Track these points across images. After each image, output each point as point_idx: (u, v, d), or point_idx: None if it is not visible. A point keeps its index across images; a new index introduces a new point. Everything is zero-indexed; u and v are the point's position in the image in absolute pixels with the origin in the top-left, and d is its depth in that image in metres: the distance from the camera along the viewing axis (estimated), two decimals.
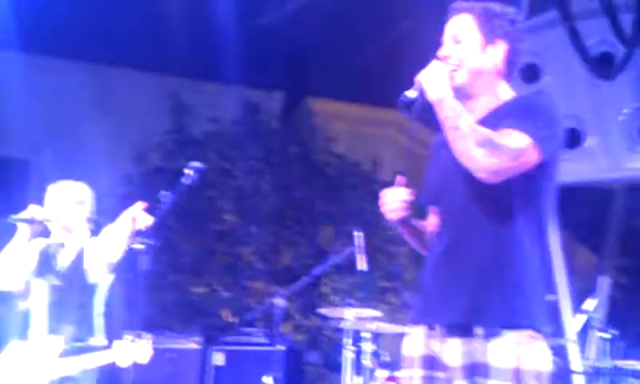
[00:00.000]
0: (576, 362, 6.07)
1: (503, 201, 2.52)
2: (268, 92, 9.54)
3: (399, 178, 2.75)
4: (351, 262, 5.53)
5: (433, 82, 2.54)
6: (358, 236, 5.42)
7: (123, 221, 4.11)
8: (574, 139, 6.51)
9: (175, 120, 8.51)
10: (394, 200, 2.72)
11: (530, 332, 2.48)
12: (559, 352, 5.72)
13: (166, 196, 3.94)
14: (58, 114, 8.42)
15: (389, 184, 2.82)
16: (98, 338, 4.22)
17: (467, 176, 2.50)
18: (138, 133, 8.45)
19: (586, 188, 6.72)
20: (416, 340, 2.63)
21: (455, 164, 2.54)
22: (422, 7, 6.42)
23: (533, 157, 2.47)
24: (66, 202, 4.32)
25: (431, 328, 2.60)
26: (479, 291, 2.49)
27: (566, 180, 6.35)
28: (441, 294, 2.58)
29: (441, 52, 2.64)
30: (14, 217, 4.15)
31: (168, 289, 7.67)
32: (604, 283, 7.06)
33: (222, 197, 8.15)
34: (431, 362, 2.58)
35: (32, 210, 4.20)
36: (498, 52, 2.62)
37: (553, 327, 5.32)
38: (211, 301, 7.68)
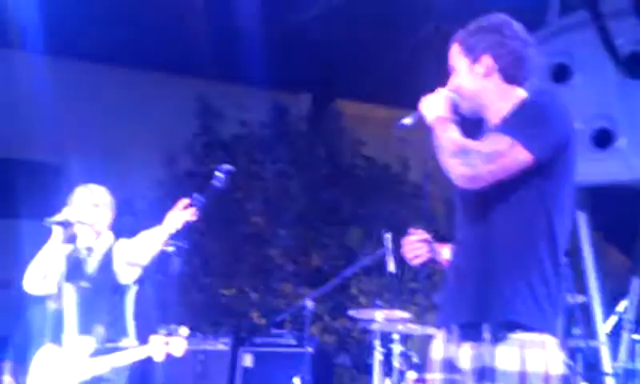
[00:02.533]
0: (607, 363, 6.02)
1: (507, 205, 2.53)
2: (296, 94, 9.56)
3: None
4: (380, 264, 5.53)
5: (430, 107, 2.65)
6: (387, 238, 5.42)
7: (165, 223, 4.15)
8: (605, 139, 6.46)
9: (204, 123, 8.56)
10: (413, 246, 2.81)
11: (537, 335, 2.48)
12: (590, 353, 5.68)
13: (197, 199, 3.98)
14: (88, 119, 8.49)
15: (418, 186, 2.88)
16: (130, 339, 4.27)
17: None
18: (167, 136, 8.50)
19: (618, 188, 6.66)
20: (439, 343, 2.68)
21: None
22: (448, 9, 6.40)
23: (519, 156, 2.47)
24: (96, 205, 4.41)
25: (449, 332, 2.64)
26: (487, 291, 2.51)
27: (597, 180, 6.37)
28: (455, 298, 2.63)
29: (445, 89, 2.74)
30: (48, 220, 4.19)
31: (198, 290, 7.72)
32: (636, 284, 7.00)
33: (251, 199, 8.18)
34: (450, 366, 2.61)
35: (66, 213, 4.27)
36: (484, 66, 2.65)
37: (582, 329, 5.30)
38: (241, 302, 7.71)
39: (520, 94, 2.66)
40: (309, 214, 8.32)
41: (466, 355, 2.55)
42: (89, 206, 4.37)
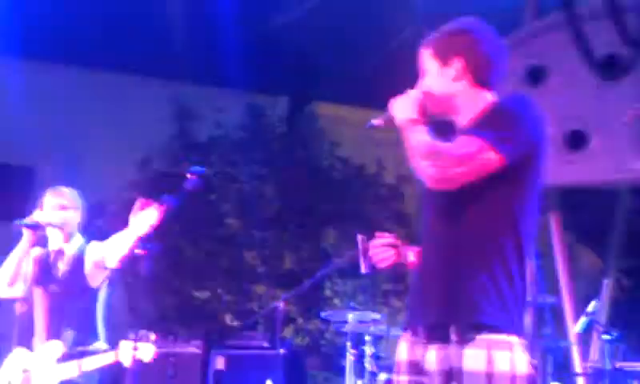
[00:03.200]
0: (577, 363, 6.04)
1: (474, 207, 2.53)
2: (273, 96, 9.54)
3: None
4: (354, 266, 5.50)
5: (399, 108, 2.66)
6: (361, 239, 5.40)
7: (131, 226, 4.11)
8: (578, 141, 6.48)
9: (179, 125, 8.52)
10: (379, 250, 2.83)
11: (504, 336, 2.47)
12: (560, 353, 5.69)
13: (167, 200, 3.93)
14: (62, 121, 8.44)
15: (393, 187, 2.89)
16: (100, 343, 4.23)
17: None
18: (142, 138, 8.47)
19: (590, 190, 6.69)
20: (404, 345, 2.66)
21: None
22: (425, 13, 6.41)
23: (490, 159, 2.47)
24: (65, 207, 4.36)
25: (415, 333, 2.62)
26: (453, 292, 2.51)
27: (569, 181, 6.39)
28: (421, 299, 2.62)
29: (415, 90, 2.74)
30: (19, 222, 4.19)
31: (170, 293, 7.68)
32: (607, 285, 7.04)
33: (226, 201, 8.16)
34: (416, 368, 2.59)
35: (37, 216, 4.25)
36: (455, 68, 2.65)
37: (552, 329, 5.31)
38: (214, 305, 7.68)
39: (490, 97, 2.66)
40: (284, 216, 8.30)
41: (432, 357, 2.53)
42: (57, 209, 4.33)
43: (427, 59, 2.71)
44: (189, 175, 3.96)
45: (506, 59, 2.71)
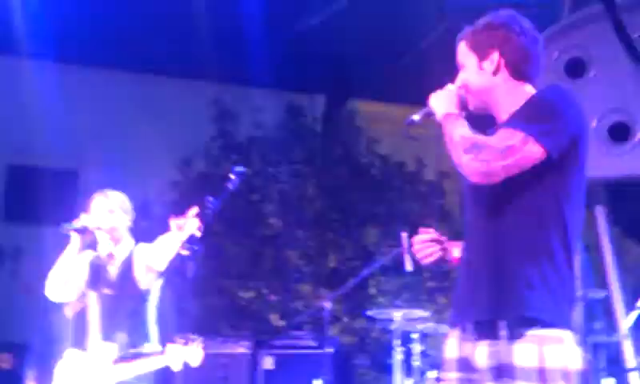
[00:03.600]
0: (630, 358, 5.96)
1: (519, 200, 2.52)
2: (310, 95, 9.56)
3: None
4: (398, 263, 5.51)
5: (438, 103, 2.70)
6: (404, 237, 5.41)
7: (174, 229, 4.15)
8: (622, 133, 6.40)
9: (219, 126, 8.57)
10: (423, 245, 2.84)
11: (554, 330, 2.46)
12: (611, 349, 5.63)
13: (211, 202, 3.98)
14: (104, 124, 8.54)
15: (433, 183, 2.90)
16: (152, 345, 4.26)
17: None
18: (183, 140, 8.54)
19: (637, 183, 6.60)
20: (453, 343, 2.65)
21: None
22: (461, 6, 6.38)
23: (533, 152, 2.46)
24: (112, 210, 4.39)
25: (463, 330, 2.61)
26: (501, 288, 2.50)
27: (615, 175, 6.31)
28: (469, 295, 2.61)
29: (454, 85, 2.76)
30: (66, 226, 4.21)
31: (217, 293, 7.73)
32: None
33: (267, 201, 8.19)
34: (466, 365, 2.59)
35: (84, 219, 4.28)
36: (493, 62, 2.67)
37: (603, 324, 5.25)
38: (259, 305, 7.72)
39: (529, 90, 2.66)
40: (325, 214, 8.31)
41: (482, 353, 2.52)
42: (105, 212, 4.37)
43: (464, 52, 2.73)
44: (230, 176, 4.01)
45: (543, 52, 2.71)
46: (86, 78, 8.53)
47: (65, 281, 4.28)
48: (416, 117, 2.76)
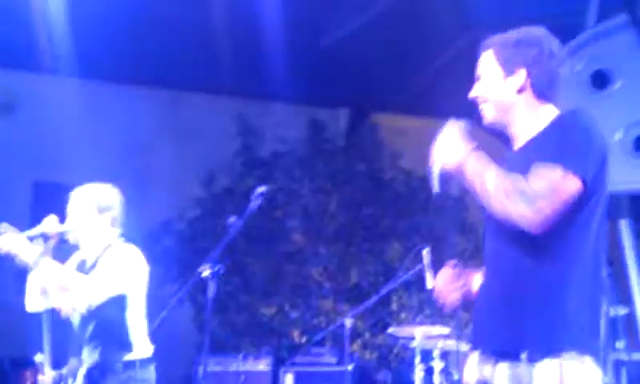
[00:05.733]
0: None
1: (552, 230, 2.43)
2: (333, 110, 9.56)
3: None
4: (420, 279, 5.47)
5: (445, 154, 2.55)
6: (425, 253, 5.37)
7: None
8: None
9: (242, 141, 8.58)
10: (445, 287, 2.77)
11: (576, 354, 2.42)
12: (634, 366, 5.54)
13: (233, 222, 3.94)
14: (128, 140, 8.59)
15: (457, 198, 2.85)
16: (136, 353, 3.94)
17: None
18: (206, 156, 8.56)
19: None
20: (472, 365, 2.63)
21: None
22: (484, 18, 6.34)
23: (572, 185, 2.39)
24: (87, 209, 3.97)
25: (483, 352, 2.59)
26: (523, 319, 2.46)
27: None
28: (489, 322, 2.56)
29: (470, 93, 2.66)
30: (27, 233, 3.77)
31: (239, 310, 7.73)
32: None
33: (290, 217, 8.18)
34: None
35: (45, 224, 3.83)
36: (519, 80, 2.59)
37: (626, 341, 5.15)
38: (281, 321, 7.70)
39: (551, 111, 2.60)
40: (348, 230, 8.28)
41: (502, 375, 2.49)
42: (79, 211, 3.97)
43: (489, 63, 2.64)
44: (253, 196, 3.97)
45: (564, 72, 2.66)
46: (110, 94, 8.59)
47: (41, 290, 3.89)
48: (435, 186, 2.58)
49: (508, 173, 2.45)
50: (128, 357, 3.89)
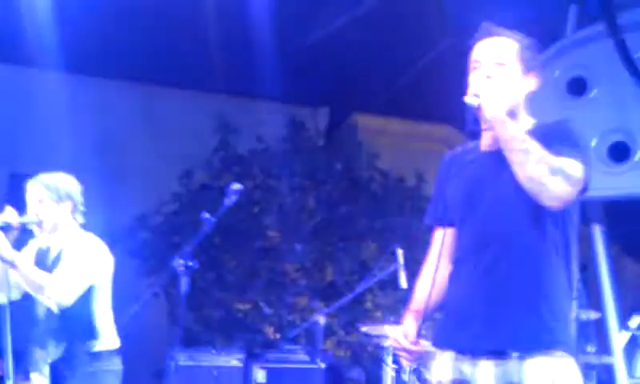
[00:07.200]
0: (622, 379, 5.94)
1: (542, 226, 2.51)
2: (313, 109, 9.57)
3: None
4: (395, 279, 5.51)
5: (493, 99, 2.49)
6: (399, 253, 5.41)
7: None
8: (622, 153, 6.40)
9: (221, 138, 8.57)
10: (403, 340, 2.71)
11: (562, 352, 2.47)
12: (603, 370, 5.61)
13: (207, 218, 3.94)
14: (106, 134, 8.55)
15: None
16: (103, 342, 3.94)
17: (509, 199, 2.49)
18: (184, 151, 8.54)
19: (635, 202, 6.59)
20: (444, 364, 2.61)
21: (486, 188, 2.55)
22: (463, 24, 6.38)
23: (583, 184, 2.49)
24: (43, 199, 3.91)
25: (461, 352, 2.57)
26: (518, 319, 2.48)
27: (614, 194, 6.30)
28: (472, 322, 2.54)
29: (484, 71, 2.59)
30: None
31: (213, 306, 7.72)
32: None
33: (267, 214, 8.18)
34: None
35: (5, 215, 3.75)
36: (531, 83, 2.65)
37: (596, 345, 5.22)
38: (255, 317, 7.71)
39: (526, 117, 2.67)
40: (324, 228, 8.30)
41: (486, 373, 2.49)
42: (34, 203, 3.90)
43: (512, 54, 2.62)
44: (228, 192, 3.97)
45: None
46: (89, 88, 8.55)
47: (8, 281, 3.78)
48: (473, 101, 2.50)
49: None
50: (94, 348, 3.89)
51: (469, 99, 2.50)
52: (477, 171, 2.61)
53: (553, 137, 2.50)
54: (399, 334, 2.74)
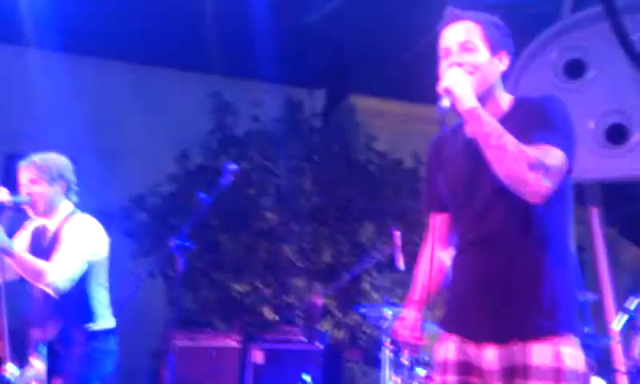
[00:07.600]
0: (619, 360, 5.97)
1: (538, 211, 2.49)
2: (310, 90, 9.54)
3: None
4: (392, 260, 5.53)
5: (463, 91, 2.45)
6: (397, 235, 5.42)
7: None
8: (619, 135, 6.40)
9: (218, 119, 8.55)
10: (406, 335, 2.74)
11: (567, 333, 2.49)
12: (600, 352, 5.63)
13: (203, 198, 3.94)
14: (102, 115, 8.53)
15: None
16: (100, 322, 3.95)
17: (500, 189, 2.47)
18: (181, 132, 8.53)
19: (632, 184, 6.60)
20: (449, 345, 2.62)
21: (481, 176, 2.52)
22: (460, 5, 6.36)
23: (565, 167, 2.48)
24: (37, 180, 3.88)
25: (467, 336, 2.58)
26: (522, 307, 2.48)
27: (611, 176, 6.31)
28: (478, 308, 2.55)
29: (452, 59, 2.56)
30: None
31: (210, 286, 7.73)
32: None
33: (264, 195, 8.17)
34: (466, 368, 2.57)
35: None
36: (503, 63, 2.63)
37: (592, 327, 5.23)
38: (253, 299, 7.71)
39: (505, 95, 2.65)
40: (322, 209, 8.30)
41: (492, 355, 2.50)
42: (28, 184, 3.88)
43: (477, 36, 2.59)
44: (224, 172, 3.96)
45: None
46: (85, 68, 8.52)
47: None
48: (445, 104, 2.44)
49: None
50: (90, 328, 3.89)
51: (440, 104, 2.45)
52: (468, 159, 2.58)
53: (532, 120, 2.48)
54: (401, 327, 2.77)
